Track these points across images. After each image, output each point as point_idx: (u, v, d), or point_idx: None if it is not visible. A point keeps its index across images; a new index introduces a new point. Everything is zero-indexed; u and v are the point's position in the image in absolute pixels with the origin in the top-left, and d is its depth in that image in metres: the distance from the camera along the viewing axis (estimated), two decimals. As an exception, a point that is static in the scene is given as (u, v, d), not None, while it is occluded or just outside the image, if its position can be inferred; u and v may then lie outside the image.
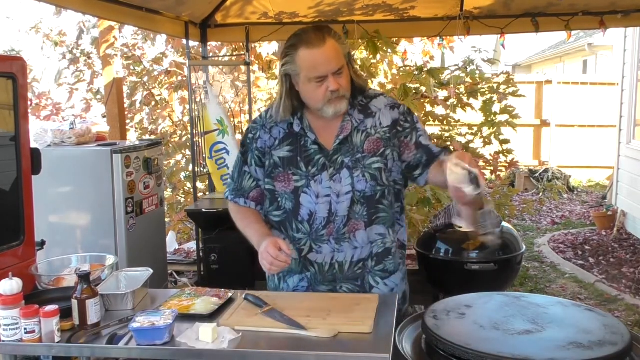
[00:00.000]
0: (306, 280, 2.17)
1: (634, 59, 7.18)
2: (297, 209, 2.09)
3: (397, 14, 4.63)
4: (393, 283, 2.18)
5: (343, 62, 2.01)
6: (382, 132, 2.10)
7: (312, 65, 1.98)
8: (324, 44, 1.97)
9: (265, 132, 2.14)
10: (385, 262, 2.15)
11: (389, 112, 2.12)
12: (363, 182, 2.06)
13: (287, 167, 2.09)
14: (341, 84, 2.01)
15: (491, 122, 5.68)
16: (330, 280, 2.14)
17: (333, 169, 2.06)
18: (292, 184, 2.09)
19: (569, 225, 7.91)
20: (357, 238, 2.09)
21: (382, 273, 2.16)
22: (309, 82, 2.01)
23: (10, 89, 2.37)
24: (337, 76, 1.99)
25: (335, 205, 2.07)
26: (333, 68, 1.98)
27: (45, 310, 1.79)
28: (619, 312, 4.58)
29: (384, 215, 2.12)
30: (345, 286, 2.15)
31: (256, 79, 6.23)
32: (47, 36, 7.91)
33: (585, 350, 1.66)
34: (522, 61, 18.97)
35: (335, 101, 2.02)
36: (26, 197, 2.45)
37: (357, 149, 2.08)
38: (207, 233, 4.21)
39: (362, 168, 2.07)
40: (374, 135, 2.09)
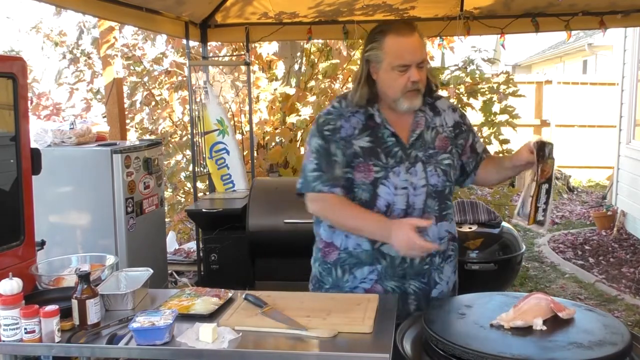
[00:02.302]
0: (376, 273, 2.13)
1: (633, 59, 7.18)
2: (374, 199, 2.07)
3: (397, 14, 4.62)
4: (447, 276, 2.23)
5: (426, 56, 2.06)
6: (448, 131, 2.18)
7: (399, 52, 2.00)
8: (413, 35, 2.01)
9: (345, 120, 2.10)
10: (446, 254, 2.20)
11: (451, 114, 2.22)
12: (436, 176, 2.11)
13: (368, 158, 2.07)
14: (421, 78, 2.04)
15: (491, 122, 5.69)
16: (400, 275, 2.13)
17: (409, 162, 2.09)
18: (372, 174, 2.06)
19: (569, 225, 7.90)
20: (429, 232, 2.10)
21: (439, 269, 2.19)
22: (391, 69, 2.02)
23: (10, 89, 2.37)
24: (419, 69, 2.02)
25: (412, 197, 2.08)
26: (418, 59, 2.01)
27: (45, 310, 1.79)
28: (619, 312, 4.58)
29: (450, 212, 2.19)
30: (414, 283, 2.15)
31: (256, 79, 6.23)
32: (47, 36, 7.90)
33: (585, 350, 1.66)
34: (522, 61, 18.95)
35: (411, 94, 2.04)
36: (26, 197, 2.45)
37: (429, 145, 2.13)
38: (207, 233, 4.21)
39: (435, 163, 2.11)
40: (442, 133, 2.16)
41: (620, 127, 7.58)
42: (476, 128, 5.87)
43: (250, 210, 3.90)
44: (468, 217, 3.86)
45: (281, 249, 3.87)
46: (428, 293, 2.17)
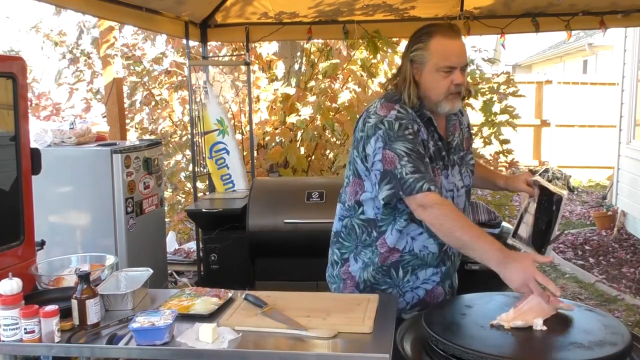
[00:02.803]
0: (439, 275, 2.17)
1: (634, 59, 7.18)
2: None
3: (397, 14, 4.62)
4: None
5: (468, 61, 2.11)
6: (467, 131, 2.27)
7: (446, 54, 2.01)
8: (459, 38, 2.05)
9: (418, 124, 2.07)
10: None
11: (466, 115, 2.30)
12: (468, 177, 2.20)
13: (435, 162, 2.09)
14: (464, 81, 2.06)
15: (491, 122, 5.68)
16: (452, 272, 2.24)
17: (450, 165, 2.15)
18: (438, 177, 2.09)
19: (569, 225, 7.90)
20: None
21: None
22: (436, 71, 2.03)
23: (10, 89, 2.37)
24: (462, 72, 2.05)
25: (456, 198, 2.16)
26: (463, 62, 2.05)
27: (45, 310, 1.79)
28: (619, 312, 4.58)
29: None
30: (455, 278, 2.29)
31: (256, 79, 6.23)
32: (47, 36, 7.90)
33: (585, 351, 1.65)
34: (522, 61, 18.95)
35: (453, 97, 2.06)
36: (26, 197, 2.45)
37: (459, 147, 2.19)
38: (207, 233, 4.21)
39: (466, 165, 2.20)
40: (466, 135, 2.25)
41: (621, 127, 7.58)
42: (476, 128, 5.88)
43: (250, 210, 3.89)
44: (468, 217, 3.86)
45: (281, 249, 3.87)
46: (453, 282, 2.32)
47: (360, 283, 2.20)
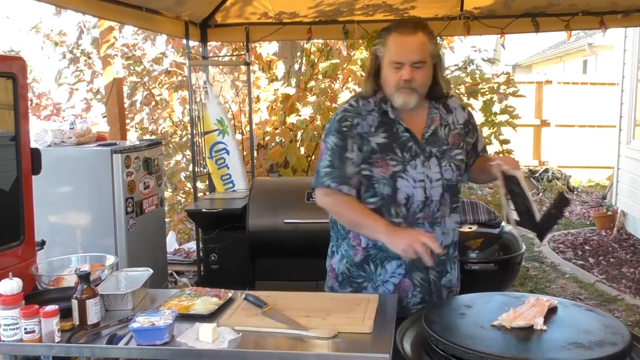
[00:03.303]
0: (404, 267, 2.19)
1: (634, 59, 7.18)
2: (395, 193, 2.14)
3: (397, 14, 4.63)
4: (456, 270, 2.34)
5: (425, 58, 2.10)
6: (459, 128, 2.26)
7: (397, 50, 2.09)
8: (414, 34, 2.09)
9: (362, 118, 2.16)
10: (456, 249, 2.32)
11: (461, 112, 2.30)
12: (450, 171, 2.19)
13: (384, 153, 2.14)
14: (415, 77, 2.09)
15: (491, 122, 5.68)
16: (424, 266, 2.16)
17: (423, 156, 2.16)
18: (390, 168, 2.13)
19: (569, 225, 7.90)
20: (446, 223, 2.20)
21: (455, 259, 2.31)
22: (389, 65, 2.11)
23: (10, 89, 2.37)
24: (414, 69, 2.08)
25: (429, 189, 2.16)
26: (413, 59, 2.07)
27: (45, 310, 1.79)
28: (619, 312, 4.58)
29: (459, 205, 2.28)
30: (432, 273, 2.22)
31: (256, 79, 6.23)
32: (47, 36, 7.90)
33: (585, 351, 1.66)
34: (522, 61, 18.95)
35: (405, 92, 2.10)
36: (26, 197, 2.45)
37: (443, 141, 2.20)
38: (207, 233, 4.21)
39: (449, 158, 2.19)
40: (454, 130, 2.24)
41: (620, 127, 7.58)
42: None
43: (250, 210, 3.90)
44: (468, 217, 3.86)
45: (281, 249, 3.87)
46: (440, 281, 2.26)
47: (339, 275, 2.27)
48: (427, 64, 2.11)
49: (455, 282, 2.33)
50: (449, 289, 2.30)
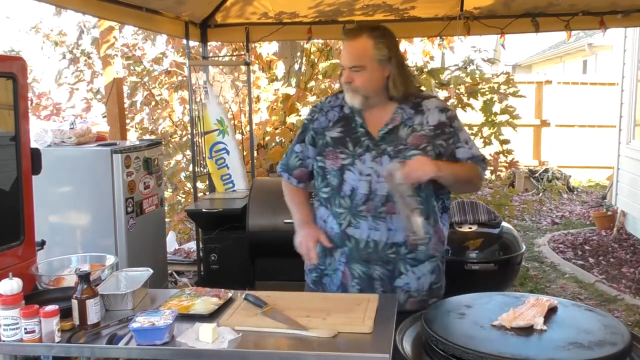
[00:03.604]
0: (345, 256, 2.25)
1: (633, 59, 7.18)
2: (341, 185, 2.22)
3: (397, 14, 4.62)
4: (420, 272, 2.26)
5: (364, 63, 2.16)
6: (428, 129, 2.22)
7: (342, 53, 2.26)
8: (354, 40, 2.19)
9: (322, 115, 2.32)
10: (417, 251, 2.24)
11: (437, 114, 2.25)
12: None
13: (336, 146, 2.25)
14: (353, 80, 2.17)
15: (491, 123, 5.68)
16: (365, 259, 2.22)
17: (376, 152, 2.20)
18: (340, 161, 2.23)
19: (568, 225, 7.90)
20: (393, 220, 2.19)
21: (412, 261, 2.24)
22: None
23: (10, 89, 2.37)
24: (353, 72, 2.17)
25: (375, 184, 2.19)
26: (348, 63, 2.18)
27: (45, 310, 1.80)
28: (619, 312, 4.58)
29: (420, 207, 2.19)
30: (379, 269, 2.23)
31: (256, 79, 6.23)
32: (47, 36, 7.90)
33: (585, 351, 1.66)
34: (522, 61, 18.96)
35: (348, 92, 2.21)
36: (26, 197, 2.45)
37: (401, 141, 2.20)
38: (207, 233, 4.21)
39: (403, 158, 2.16)
40: (419, 131, 2.22)
41: (620, 127, 7.58)
42: (476, 128, 5.87)
43: (250, 210, 3.89)
44: (468, 217, 3.87)
45: (281, 249, 3.84)
46: (392, 281, 2.25)
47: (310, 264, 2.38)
48: (368, 68, 2.16)
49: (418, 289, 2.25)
50: (408, 293, 2.24)
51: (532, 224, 8.01)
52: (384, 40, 2.18)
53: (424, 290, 2.26)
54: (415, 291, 2.25)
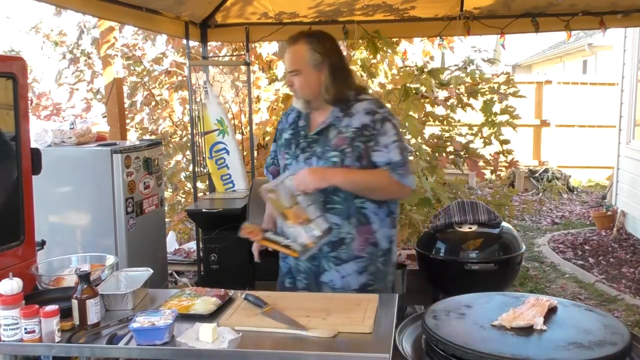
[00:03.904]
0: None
1: (633, 59, 7.18)
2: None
3: (397, 14, 4.62)
4: (345, 272, 2.32)
5: (299, 67, 2.28)
6: (350, 132, 2.28)
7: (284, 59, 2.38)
8: (292, 46, 2.32)
9: (285, 117, 2.51)
10: (339, 250, 2.31)
11: (363, 116, 2.29)
12: None
13: (285, 147, 2.42)
14: (293, 83, 2.32)
15: (491, 123, 5.68)
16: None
17: (308, 154, 2.33)
18: (283, 161, 2.43)
19: (568, 225, 7.91)
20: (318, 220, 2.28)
21: (335, 259, 2.31)
22: None
23: (10, 89, 2.37)
24: (292, 76, 2.31)
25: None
26: (287, 68, 2.34)
27: (45, 310, 1.80)
28: (618, 312, 4.58)
29: (339, 207, 2.29)
30: (304, 263, 2.36)
31: (256, 79, 6.22)
32: (47, 36, 7.90)
33: (585, 351, 1.66)
34: (522, 61, 18.97)
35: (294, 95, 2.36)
36: (26, 197, 2.45)
37: (328, 143, 2.30)
38: (207, 233, 4.21)
39: (325, 159, 2.29)
40: (344, 133, 2.29)
41: (620, 127, 7.58)
42: (476, 128, 5.87)
43: (250, 210, 3.89)
44: (468, 217, 3.86)
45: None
46: (318, 276, 2.34)
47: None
48: (304, 72, 2.28)
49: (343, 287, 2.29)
50: (334, 290, 2.31)
51: (532, 224, 8.01)
52: (318, 45, 2.29)
53: (350, 289, 2.30)
54: (340, 289, 2.30)
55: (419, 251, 3.92)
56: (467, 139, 5.85)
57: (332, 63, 2.31)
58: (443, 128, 5.96)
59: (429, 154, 5.55)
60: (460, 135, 5.90)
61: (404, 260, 4.55)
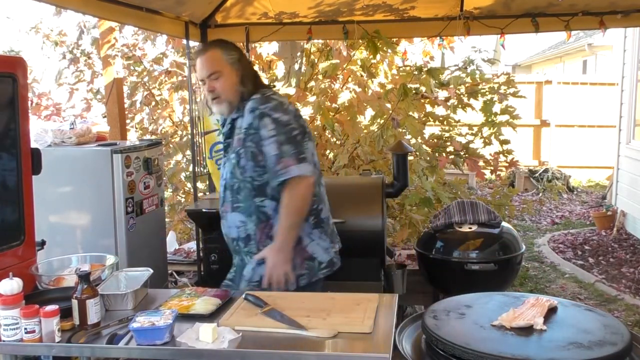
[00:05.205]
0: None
1: (633, 59, 7.18)
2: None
3: (397, 14, 4.63)
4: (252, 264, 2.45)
5: (219, 68, 2.34)
6: (243, 132, 2.37)
7: (196, 70, 2.40)
8: (203, 53, 2.39)
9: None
10: (249, 245, 2.45)
11: (248, 115, 2.36)
12: (228, 172, 2.43)
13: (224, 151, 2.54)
14: (216, 87, 2.35)
15: (491, 123, 5.68)
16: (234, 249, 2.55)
17: (226, 157, 2.46)
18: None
19: (568, 225, 7.91)
20: (228, 219, 2.47)
21: (248, 254, 2.47)
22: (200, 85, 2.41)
23: (10, 89, 2.37)
24: (212, 81, 2.34)
25: (221, 187, 2.50)
26: (205, 73, 2.36)
27: (45, 310, 1.80)
28: (618, 312, 4.58)
29: (242, 206, 2.41)
30: (236, 257, 2.57)
31: (256, 79, 6.22)
32: (47, 36, 7.89)
33: (585, 350, 1.66)
34: (522, 61, 18.96)
35: (214, 103, 2.37)
36: (26, 197, 2.45)
37: (232, 144, 2.41)
38: (207, 233, 4.20)
39: (228, 160, 2.43)
40: (238, 135, 2.39)
41: (620, 127, 7.58)
42: (476, 128, 5.87)
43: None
44: (468, 217, 3.86)
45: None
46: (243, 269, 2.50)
47: None
48: (225, 72, 2.34)
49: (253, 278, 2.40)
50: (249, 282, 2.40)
51: (532, 224, 8.01)
52: (228, 46, 2.39)
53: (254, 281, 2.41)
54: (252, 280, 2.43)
55: (419, 251, 3.92)
56: (467, 139, 5.85)
57: (243, 61, 2.43)
58: (443, 128, 5.96)
59: (429, 154, 5.56)
60: (460, 135, 5.90)
61: (404, 260, 4.56)
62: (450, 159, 5.65)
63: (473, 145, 5.76)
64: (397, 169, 3.87)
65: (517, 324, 1.80)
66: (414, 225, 5.09)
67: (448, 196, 5.13)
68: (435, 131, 5.97)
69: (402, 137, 5.18)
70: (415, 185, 5.28)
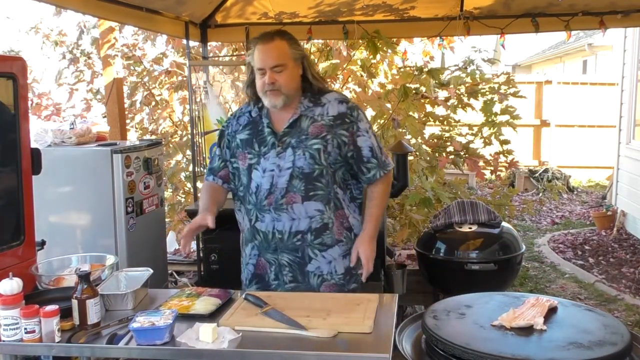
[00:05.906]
0: (256, 249, 2.45)
1: (633, 59, 7.18)
2: (249, 182, 2.40)
3: (397, 14, 4.63)
4: (331, 256, 2.39)
5: (285, 61, 2.31)
6: (327, 119, 2.36)
7: (257, 58, 2.32)
8: (271, 42, 2.32)
9: (235, 120, 2.50)
10: (323, 236, 2.36)
11: (337, 105, 2.39)
12: (302, 159, 2.33)
13: (245, 148, 2.41)
14: (277, 80, 2.30)
15: (492, 123, 5.68)
16: (274, 249, 2.39)
17: (280, 148, 2.35)
18: (247, 161, 2.40)
19: (568, 225, 7.90)
20: (295, 210, 2.33)
21: (320, 246, 2.37)
22: (257, 72, 2.34)
23: (10, 89, 2.37)
24: (275, 72, 2.30)
25: (276, 178, 2.34)
26: (270, 64, 2.30)
27: (45, 310, 1.80)
28: (618, 312, 4.58)
29: (321, 193, 2.35)
30: (287, 256, 2.39)
31: (256, 79, 6.21)
32: (47, 36, 7.89)
33: (585, 350, 1.66)
34: (522, 61, 18.96)
35: (270, 94, 2.32)
36: (26, 197, 2.45)
37: (303, 132, 2.35)
38: (207, 233, 4.19)
39: (304, 148, 2.33)
40: (319, 121, 2.36)
41: (620, 127, 7.58)
42: (476, 128, 5.87)
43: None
44: (468, 217, 3.86)
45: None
46: (303, 266, 2.38)
47: None
48: (289, 66, 2.32)
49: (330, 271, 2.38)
50: (321, 277, 2.37)
51: (532, 224, 8.01)
52: (294, 41, 2.36)
53: (337, 275, 2.39)
54: (327, 274, 2.37)
55: (419, 251, 3.92)
56: (467, 139, 5.85)
57: (307, 57, 2.43)
58: (443, 128, 5.96)
59: (429, 154, 5.55)
60: (460, 135, 5.90)
61: (404, 260, 4.55)
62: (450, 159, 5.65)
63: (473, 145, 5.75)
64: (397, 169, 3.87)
65: (517, 324, 1.80)
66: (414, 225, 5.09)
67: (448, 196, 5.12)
68: (435, 131, 5.96)
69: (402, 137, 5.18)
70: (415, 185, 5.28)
